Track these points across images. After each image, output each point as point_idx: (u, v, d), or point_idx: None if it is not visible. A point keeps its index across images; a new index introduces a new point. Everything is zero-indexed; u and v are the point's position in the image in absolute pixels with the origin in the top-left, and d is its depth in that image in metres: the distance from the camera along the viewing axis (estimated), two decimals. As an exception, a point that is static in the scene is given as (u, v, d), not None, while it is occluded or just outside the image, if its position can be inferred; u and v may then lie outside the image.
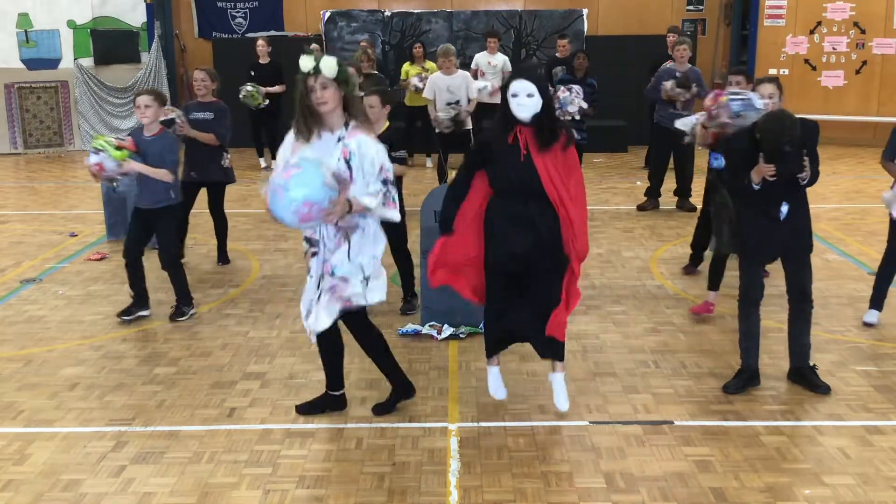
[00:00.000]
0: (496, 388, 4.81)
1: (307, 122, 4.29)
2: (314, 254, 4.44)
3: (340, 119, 4.33)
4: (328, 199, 4.08)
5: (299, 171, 4.08)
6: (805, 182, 4.80)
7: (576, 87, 9.01)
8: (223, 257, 7.84)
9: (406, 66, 12.55)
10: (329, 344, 4.67)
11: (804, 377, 5.04)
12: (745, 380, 5.04)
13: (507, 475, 4.13)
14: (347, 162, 4.26)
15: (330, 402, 4.82)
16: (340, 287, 4.40)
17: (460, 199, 4.57)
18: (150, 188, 6.11)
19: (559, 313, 4.54)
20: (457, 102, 9.36)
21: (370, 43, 13.07)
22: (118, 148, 5.95)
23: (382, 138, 5.89)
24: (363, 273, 4.42)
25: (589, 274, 7.35)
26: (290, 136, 4.43)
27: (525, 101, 4.34)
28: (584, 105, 8.95)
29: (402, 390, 4.83)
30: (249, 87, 11.71)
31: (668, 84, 9.22)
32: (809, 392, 4.99)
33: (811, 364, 5.07)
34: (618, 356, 5.56)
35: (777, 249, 5.00)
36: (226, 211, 7.77)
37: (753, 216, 4.93)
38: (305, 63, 4.21)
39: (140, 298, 6.34)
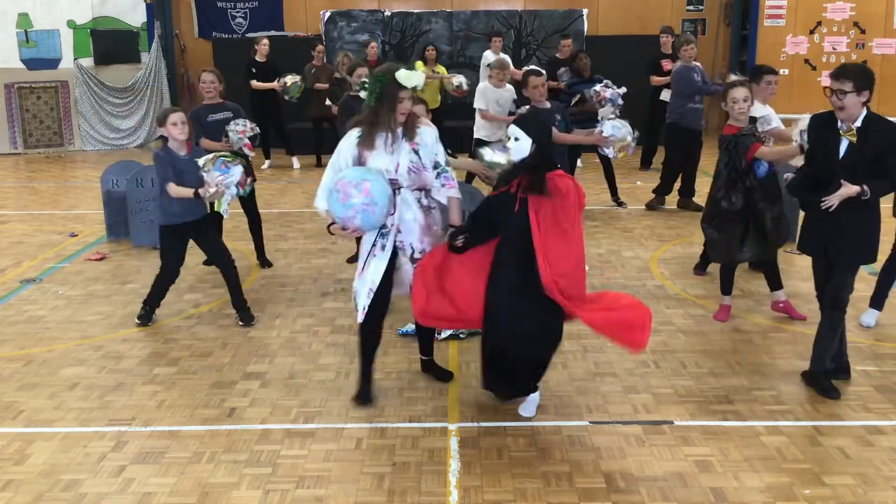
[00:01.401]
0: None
1: (372, 128, 4.54)
2: (383, 234, 4.69)
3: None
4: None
5: (370, 182, 4.38)
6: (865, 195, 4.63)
7: (606, 81, 9.22)
8: (263, 258, 7.83)
9: (418, 65, 12.49)
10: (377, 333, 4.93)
11: (817, 381, 5.01)
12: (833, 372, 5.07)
13: (507, 475, 4.13)
14: (416, 152, 4.60)
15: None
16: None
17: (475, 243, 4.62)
18: (194, 202, 5.92)
19: None
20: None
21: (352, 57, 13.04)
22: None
23: None
24: None
25: (589, 274, 7.34)
26: (349, 146, 4.60)
27: (512, 144, 4.47)
28: (618, 91, 9.06)
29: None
30: (298, 80, 11.84)
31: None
32: (810, 392, 4.99)
33: (826, 369, 5.02)
34: (618, 356, 5.56)
35: (820, 244, 4.88)
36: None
37: (815, 209, 4.84)
38: (412, 79, 4.46)
39: (153, 312, 6.37)
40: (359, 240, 7.58)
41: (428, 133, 4.65)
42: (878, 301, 6.06)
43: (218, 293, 6.98)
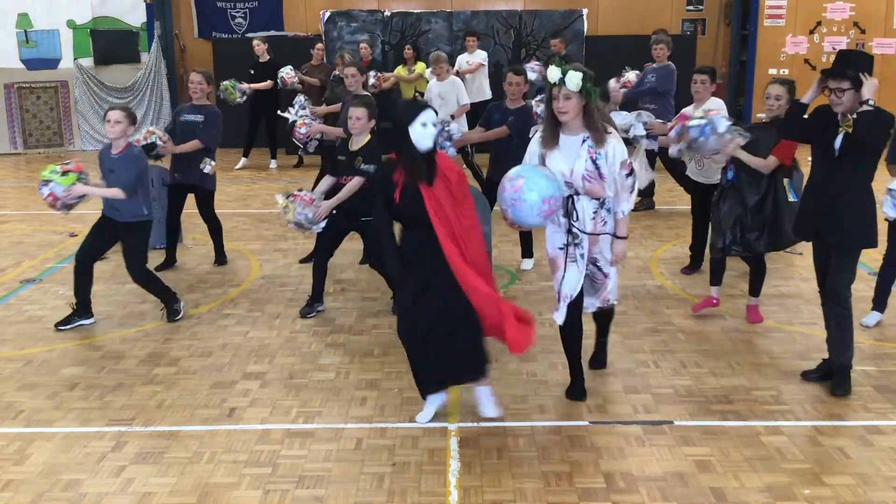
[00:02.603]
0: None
1: (552, 127, 4.61)
2: (576, 244, 4.70)
3: (581, 126, 4.58)
4: (560, 189, 4.52)
5: (524, 180, 4.46)
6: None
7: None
8: (220, 258, 7.83)
9: (398, 69, 12.53)
10: (577, 331, 4.91)
11: (830, 377, 5.03)
12: (827, 371, 5.09)
13: (507, 475, 4.13)
14: (594, 161, 4.55)
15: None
16: (601, 280, 4.84)
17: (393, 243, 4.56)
18: (123, 203, 6.01)
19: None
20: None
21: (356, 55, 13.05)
22: (64, 173, 5.93)
23: (360, 151, 6.03)
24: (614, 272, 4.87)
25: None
26: (534, 143, 4.74)
27: (433, 130, 4.42)
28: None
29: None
30: (226, 82, 11.64)
31: (611, 82, 9.47)
32: (810, 392, 4.99)
33: (843, 366, 4.98)
34: (618, 356, 5.56)
35: (809, 230, 4.98)
36: (226, 211, 7.76)
37: (806, 190, 4.96)
38: (553, 74, 4.49)
39: (84, 306, 6.27)
40: (321, 240, 7.51)
41: (616, 149, 4.59)
42: (879, 303, 6.06)
43: (217, 293, 6.98)
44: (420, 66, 12.33)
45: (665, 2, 15.82)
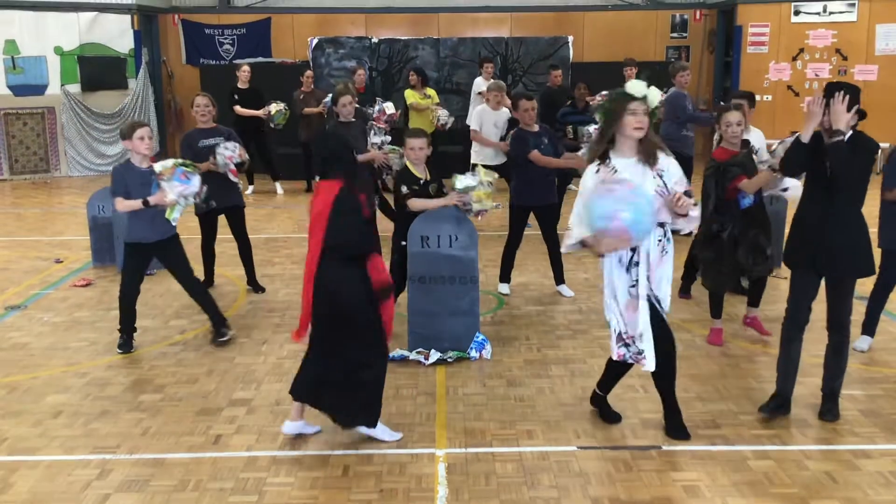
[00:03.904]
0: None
1: (605, 149, 4.50)
2: (636, 263, 4.48)
3: (633, 148, 4.46)
4: (642, 232, 4.28)
5: (640, 198, 4.21)
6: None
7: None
8: (254, 283, 7.81)
9: (409, 92, 12.33)
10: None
11: (822, 401, 5.04)
12: (777, 405, 5.00)
13: (494, 501, 4.11)
14: (661, 177, 4.43)
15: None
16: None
17: None
18: (161, 220, 6.00)
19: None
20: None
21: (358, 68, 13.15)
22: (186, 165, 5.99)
23: (434, 178, 6.16)
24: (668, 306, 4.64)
25: (576, 299, 7.37)
26: (590, 170, 4.54)
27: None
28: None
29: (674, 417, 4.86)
30: (282, 108, 12.10)
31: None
32: (796, 416, 4.99)
33: (833, 392, 5.00)
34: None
35: (808, 257, 4.83)
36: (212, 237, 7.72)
37: (798, 218, 4.91)
38: (639, 89, 4.37)
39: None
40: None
41: (671, 162, 4.47)
42: (869, 328, 6.09)
43: (203, 319, 6.93)
44: (431, 92, 12.31)
45: (649, 29, 16.01)
